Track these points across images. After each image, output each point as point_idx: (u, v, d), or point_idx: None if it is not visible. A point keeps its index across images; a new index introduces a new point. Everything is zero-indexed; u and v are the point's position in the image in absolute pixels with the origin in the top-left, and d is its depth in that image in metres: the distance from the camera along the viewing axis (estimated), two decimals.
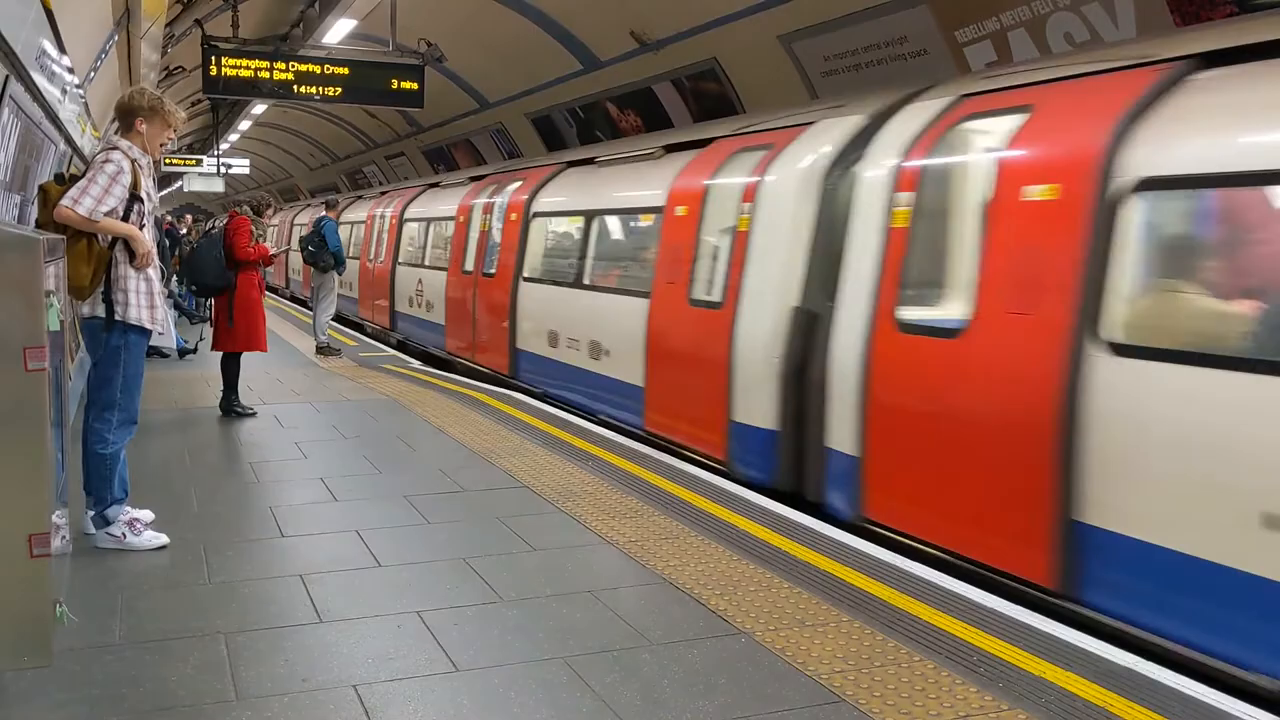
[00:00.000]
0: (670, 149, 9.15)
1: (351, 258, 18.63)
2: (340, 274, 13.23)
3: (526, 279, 11.06)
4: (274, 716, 3.38)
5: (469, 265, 12.78)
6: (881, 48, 8.55)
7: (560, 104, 14.32)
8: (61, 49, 6.50)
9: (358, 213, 20.26)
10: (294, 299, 24.39)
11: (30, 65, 5.47)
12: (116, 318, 4.93)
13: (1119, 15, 6.59)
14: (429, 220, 15.44)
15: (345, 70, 11.63)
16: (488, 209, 12.62)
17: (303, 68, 11.48)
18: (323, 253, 12.85)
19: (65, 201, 4.72)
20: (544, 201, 11.15)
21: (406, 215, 16.51)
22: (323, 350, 12.99)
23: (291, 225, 26.29)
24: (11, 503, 3.22)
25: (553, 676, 3.71)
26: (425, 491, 6.25)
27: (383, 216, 17.76)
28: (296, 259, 23.77)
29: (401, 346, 15.38)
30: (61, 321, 3.56)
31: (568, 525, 5.62)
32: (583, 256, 9.85)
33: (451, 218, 13.86)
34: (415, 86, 11.77)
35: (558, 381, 9.99)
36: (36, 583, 3.27)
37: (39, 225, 4.94)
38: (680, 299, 7.77)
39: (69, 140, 8.63)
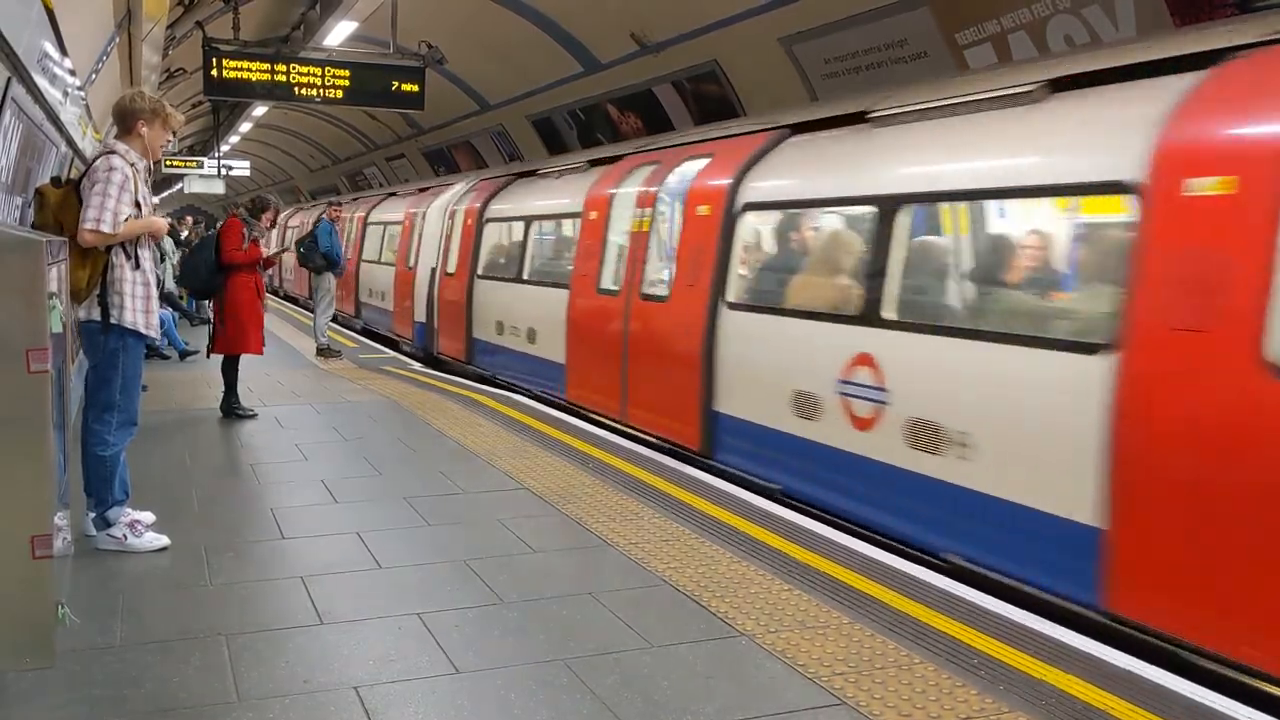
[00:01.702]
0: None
1: (388, 264, 16.96)
2: (338, 276, 13.22)
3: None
4: (275, 718, 3.39)
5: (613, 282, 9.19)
6: (882, 50, 8.55)
7: (561, 106, 14.32)
8: (63, 51, 6.50)
9: (391, 211, 17.99)
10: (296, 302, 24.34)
11: (32, 67, 5.46)
12: (112, 321, 4.94)
13: (1119, 17, 6.60)
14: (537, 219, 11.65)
15: (346, 72, 11.63)
16: (699, 198, 7.98)
17: (303, 70, 11.48)
18: (313, 254, 12.86)
19: (88, 225, 4.74)
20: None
21: (491, 213, 12.82)
22: (323, 352, 12.99)
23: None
24: (13, 504, 3.22)
25: (553, 678, 3.71)
26: (426, 493, 6.26)
27: (443, 215, 14.31)
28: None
29: (480, 378, 12.06)
30: (64, 323, 3.57)
31: (568, 527, 5.63)
32: None
33: (577, 214, 10.04)
34: (416, 88, 11.77)
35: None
36: (38, 584, 3.28)
37: (35, 228, 4.95)
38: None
39: (70, 142, 8.62)
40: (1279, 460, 3.84)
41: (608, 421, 8.91)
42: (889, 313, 5.88)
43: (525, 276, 11.30)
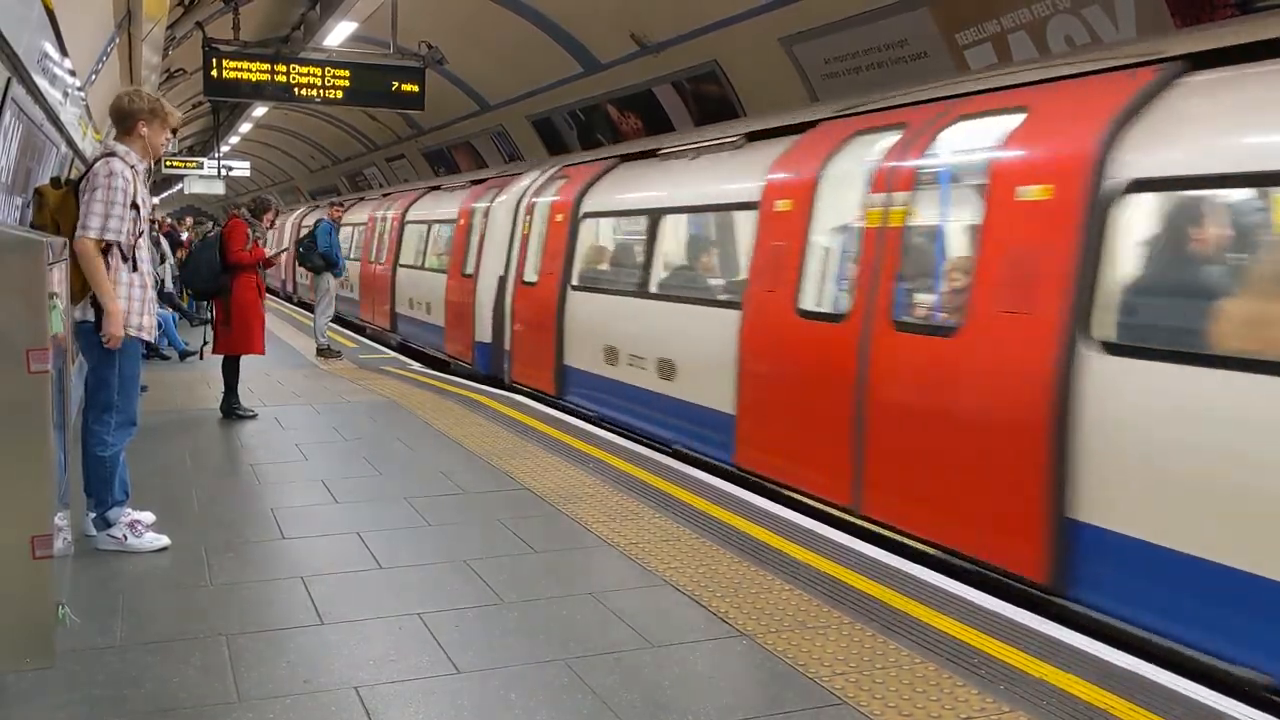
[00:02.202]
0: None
1: (431, 269, 14.98)
2: (337, 276, 13.21)
3: None
4: (275, 718, 3.39)
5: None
6: (882, 50, 8.55)
7: (561, 106, 14.32)
8: (63, 51, 6.50)
9: (438, 208, 15.83)
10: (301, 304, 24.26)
11: (32, 68, 5.46)
12: (104, 330, 4.92)
13: (1119, 17, 6.60)
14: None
15: (346, 72, 11.64)
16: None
17: (304, 70, 11.49)
18: (312, 254, 12.85)
19: (91, 234, 4.72)
20: None
21: (591, 206, 10.20)
22: (323, 352, 12.99)
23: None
24: (14, 504, 3.22)
25: (554, 678, 3.71)
26: (426, 493, 6.26)
27: (514, 211, 11.89)
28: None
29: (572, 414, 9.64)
30: (64, 323, 3.57)
31: (568, 527, 5.63)
32: None
33: (749, 205, 7.52)
34: (416, 89, 11.77)
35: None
36: (38, 584, 3.28)
37: (34, 228, 4.94)
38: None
39: (70, 143, 8.62)
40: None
41: (800, 498, 6.53)
42: (654, 288, 8.77)
43: (654, 289, 8.67)
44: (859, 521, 5.97)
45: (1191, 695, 3.64)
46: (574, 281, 10.05)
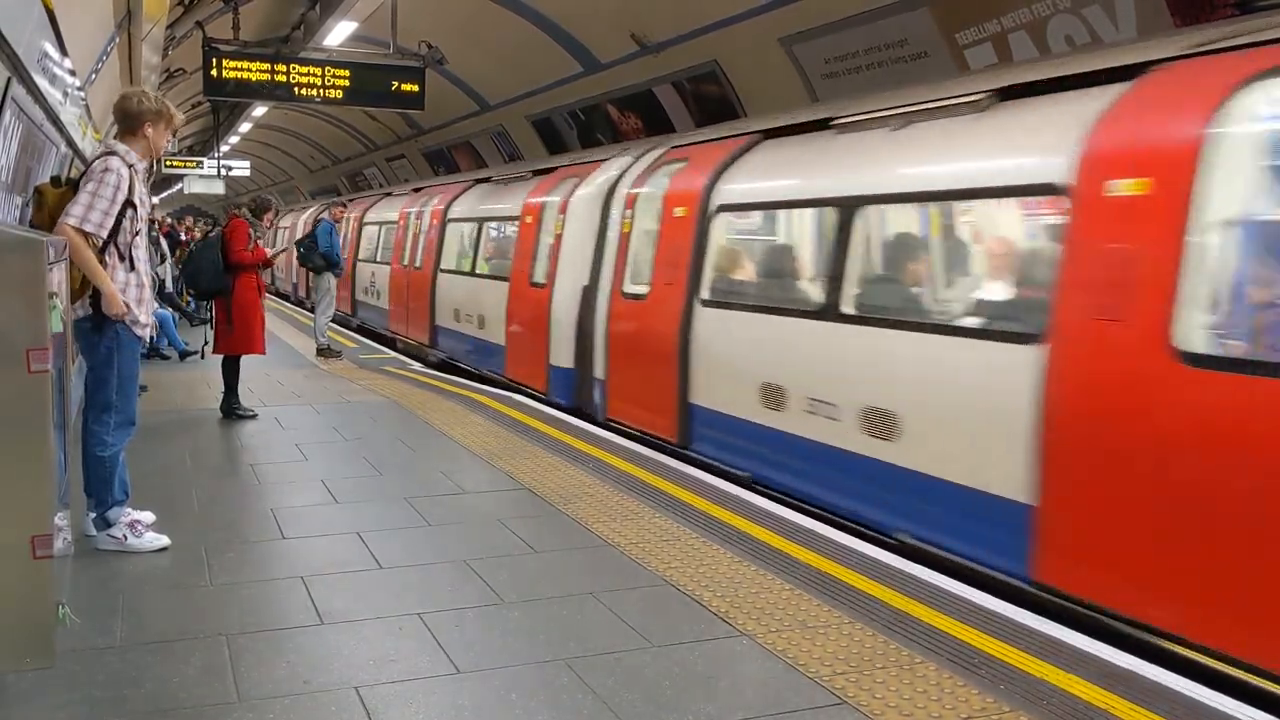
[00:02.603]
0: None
1: (484, 276, 12.71)
2: (337, 276, 13.22)
3: None
4: (275, 718, 3.38)
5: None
6: (882, 50, 8.55)
7: (561, 106, 14.32)
8: (63, 51, 6.50)
9: (491, 203, 13.42)
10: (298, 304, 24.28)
11: (32, 67, 5.46)
12: (104, 311, 4.91)
13: (1119, 17, 6.60)
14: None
15: (346, 72, 11.64)
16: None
17: (303, 70, 11.49)
18: (313, 254, 12.86)
19: (71, 220, 4.72)
20: None
21: (729, 196, 7.87)
22: (323, 352, 12.99)
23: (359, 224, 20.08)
24: (14, 504, 3.22)
25: (554, 678, 3.71)
26: (426, 493, 6.26)
27: (604, 204, 9.66)
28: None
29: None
30: (64, 323, 3.57)
31: (569, 527, 5.63)
32: None
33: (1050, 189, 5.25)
34: (416, 88, 11.78)
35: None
36: (39, 584, 3.27)
37: (33, 227, 4.94)
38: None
39: (70, 142, 8.62)
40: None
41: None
42: (852, 307, 8.77)
43: (853, 309, 6.30)
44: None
45: (1193, 695, 3.64)
46: (704, 295, 7.71)
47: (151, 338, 6.37)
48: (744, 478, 6.99)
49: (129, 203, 4.90)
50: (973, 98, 5.86)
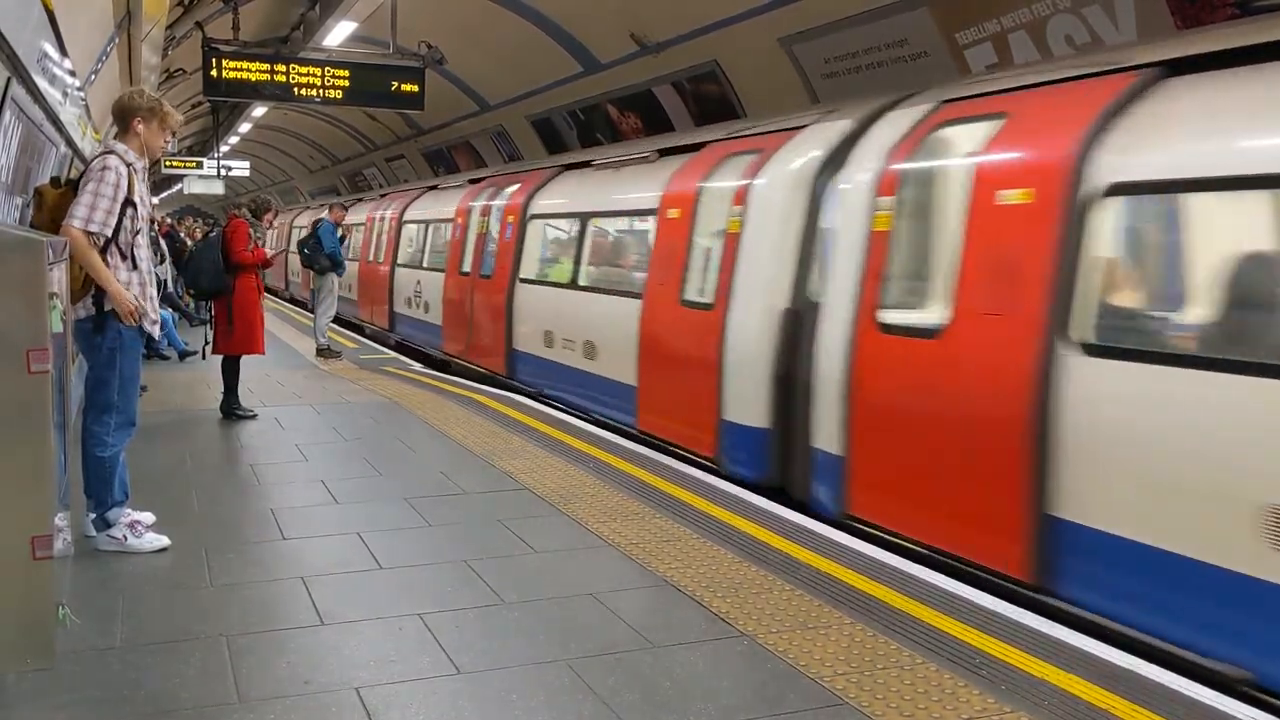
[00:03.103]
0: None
1: (600, 291, 9.77)
2: (339, 275, 13.22)
3: None
4: (276, 719, 3.38)
5: None
6: (882, 50, 8.55)
7: (560, 106, 14.31)
8: (63, 51, 6.49)
9: (581, 193, 11.00)
10: (292, 300, 24.32)
11: (32, 67, 5.46)
12: (107, 309, 4.91)
13: (1119, 17, 6.60)
14: None
15: (345, 72, 11.62)
16: None
17: (303, 70, 11.48)
18: (318, 255, 12.86)
19: (75, 223, 4.72)
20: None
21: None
22: (323, 352, 12.98)
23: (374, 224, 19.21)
24: (14, 505, 3.22)
25: (554, 678, 3.71)
26: (426, 494, 6.25)
27: (834, 193, 6.88)
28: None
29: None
30: (64, 323, 3.56)
31: (569, 527, 5.62)
32: None
33: None
34: (415, 89, 11.76)
35: None
36: (38, 584, 3.27)
37: (33, 227, 4.94)
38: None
39: (70, 143, 8.62)
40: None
41: None
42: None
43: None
44: None
45: (1194, 695, 3.64)
46: (1087, 333, 4.77)
47: (152, 338, 6.36)
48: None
49: (129, 201, 4.90)
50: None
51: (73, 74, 7.33)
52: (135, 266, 5.02)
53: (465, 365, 12.96)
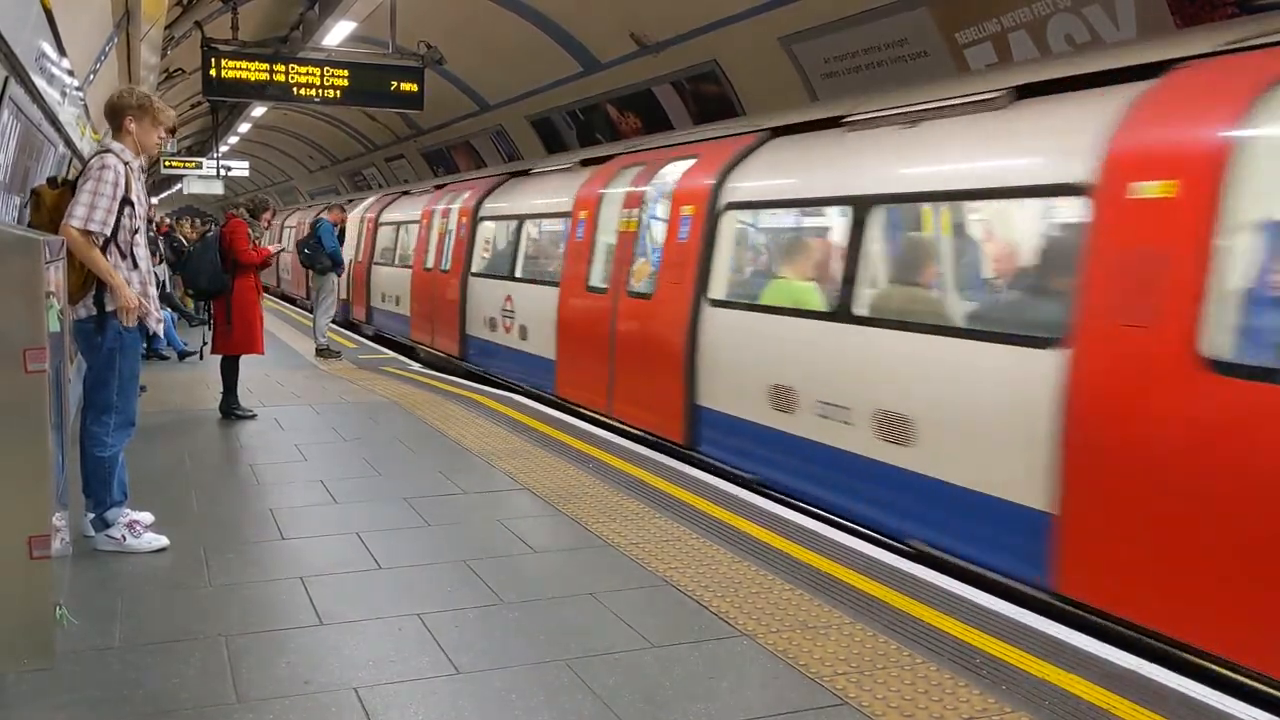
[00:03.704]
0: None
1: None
2: (339, 275, 13.23)
3: None
4: (275, 719, 3.37)
5: None
6: (882, 50, 8.54)
7: (560, 106, 14.30)
8: (61, 51, 6.49)
9: (798, 171, 7.64)
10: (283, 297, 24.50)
11: (30, 67, 5.45)
12: (108, 309, 4.90)
13: (1119, 16, 6.59)
14: None
15: (345, 72, 11.61)
16: None
17: (302, 70, 11.46)
18: (319, 254, 12.86)
19: (75, 222, 4.71)
20: None
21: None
22: (322, 352, 12.98)
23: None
24: (11, 504, 3.21)
25: (554, 678, 3.70)
26: (426, 494, 6.24)
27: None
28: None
29: None
30: (61, 322, 3.56)
31: (569, 527, 5.62)
32: None
33: None
34: (415, 88, 11.75)
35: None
36: (36, 584, 3.27)
37: (31, 227, 4.93)
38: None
39: (69, 142, 8.62)
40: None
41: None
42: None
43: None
44: None
45: (1194, 695, 3.63)
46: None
47: (154, 337, 6.39)
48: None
49: (126, 200, 4.89)
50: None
51: (71, 74, 7.32)
52: (135, 265, 5.02)
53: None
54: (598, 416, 9.18)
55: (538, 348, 10.90)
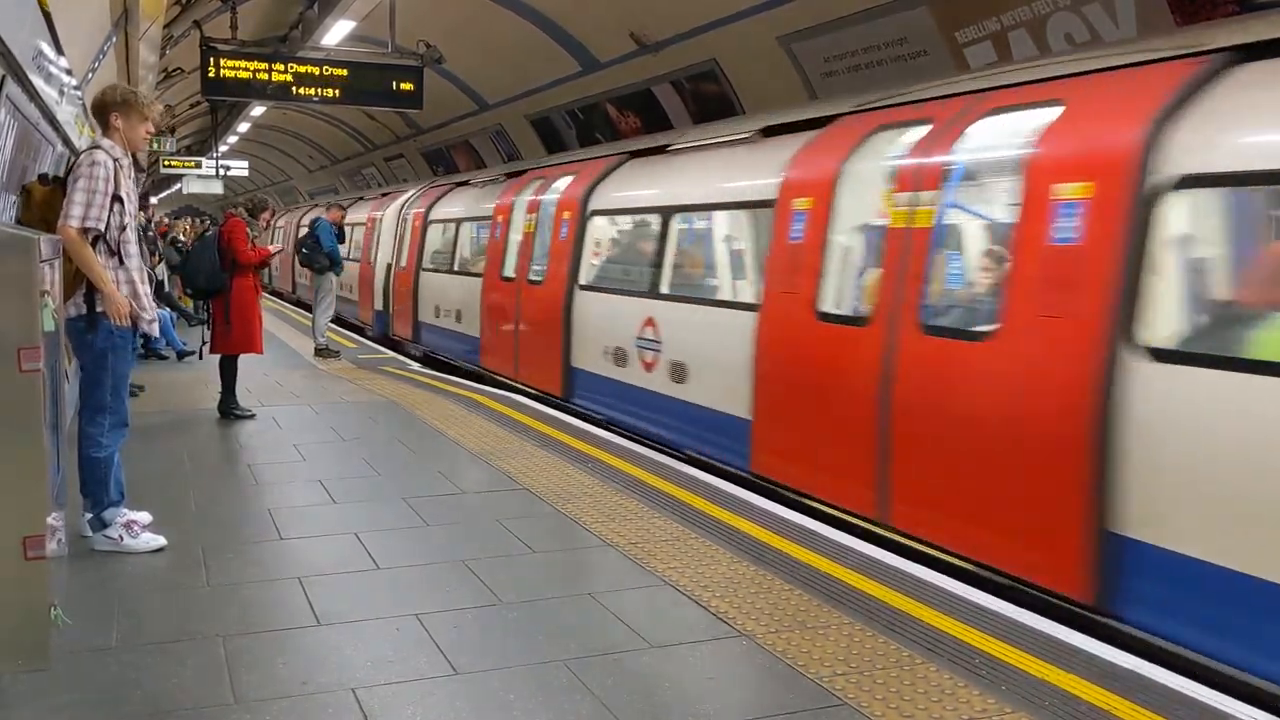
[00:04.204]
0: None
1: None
2: (338, 274, 13.21)
3: None
4: (272, 719, 3.37)
5: None
6: (881, 49, 8.53)
7: (559, 105, 14.30)
8: (59, 50, 6.48)
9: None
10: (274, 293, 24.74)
11: (28, 66, 5.44)
12: (98, 310, 4.88)
13: (1119, 15, 6.58)
14: None
15: (344, 72, 11.60)
16: None
17: (301, 69, 11.45)
18: (317, 254, 12.85)
19: (73, 222, 4.70)
20: None
21: None
22: (321, 352, 12.96)
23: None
24: (6, 505, 3.20)
25: (552, 679, 3.69)
26: (424, 494, 6.23)
27: None
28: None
29: None
30: (56, 322, 3.54)
31: (567, 527, 5.60)
32: None
33: None
34: (414, 88, 11.74)
35: None
36: (32, 585, 3.26)
37: (20, 223, 4.91)
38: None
39: (66, 141, 8.61)
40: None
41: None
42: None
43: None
44: None
45: (1194, 696, 3.62)
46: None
47: (151, 338, 6.40)
48: None
49: (116, 196, 4.88)
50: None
51: (69, 72, 7.31)
52: (122, 264, 4.99)
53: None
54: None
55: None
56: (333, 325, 14.69)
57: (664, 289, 8.63)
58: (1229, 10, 5.95)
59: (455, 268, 14.19)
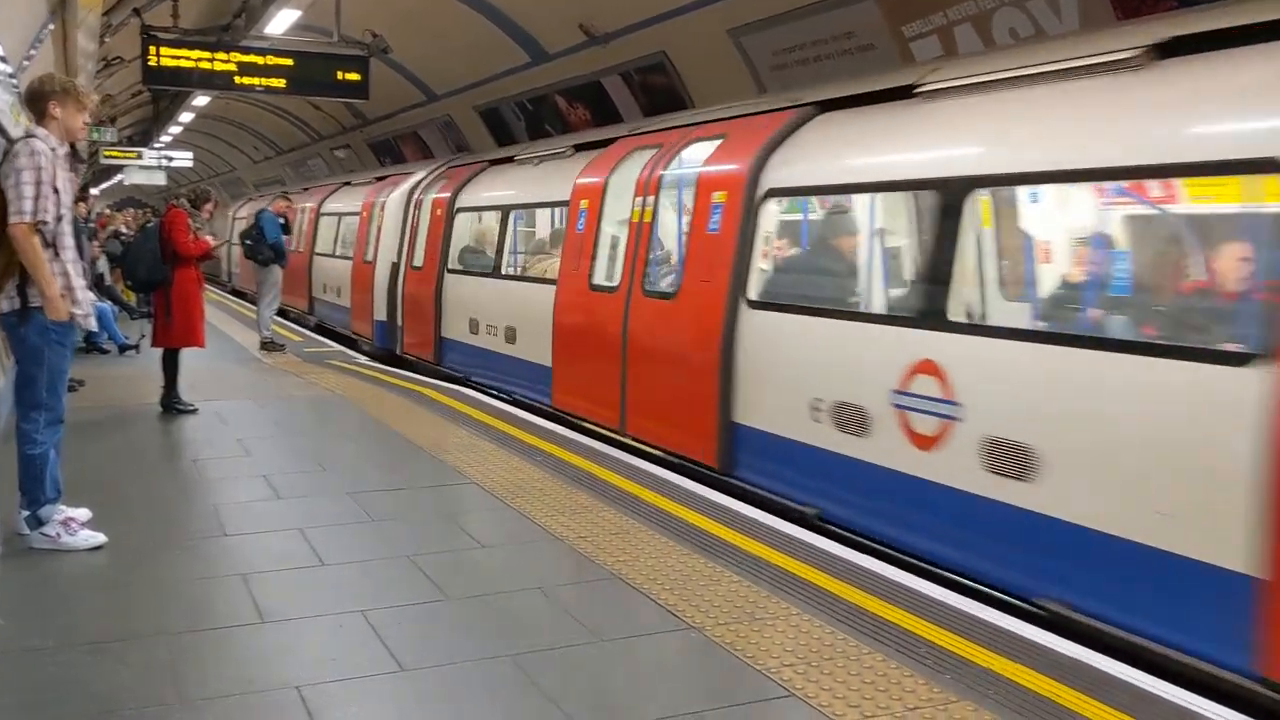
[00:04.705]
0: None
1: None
2: (283, 267, 13.05)
3: None
4: (216, 719, 3.31)
5: None
6: (829, 42, 8.56)
7: (509, 97, 14.21)
8: None
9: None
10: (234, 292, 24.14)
11: None
12: (32, 305, 4.77)
13: (1063, 10, 6.65)
14: None
15: (288, 61, 11.47)
16: None
17: (245, 58, 11.31)
18: (261, 245, 12.69)
19: (26, 218, 4.60)
20: None
21: None
22: (267, 346, 12.79)
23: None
24: None
25: (499, 675, 3.66)
26: (371, 488, 6.17)
27: None
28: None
29: None
30: None
31: (517, 521, 5.57)
32: None
33: None
34: (359, 78, 11.64)
35: None
36: None
37: None
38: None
39: (1, 130, 8.41)
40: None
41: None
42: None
43: None
44: None
45: (1138, 684, 3.67)
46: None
47: (91, 332, 6.28)
48: None
49: (52, 187, 4.77)
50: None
51: (4, 60, 7.14)
52: (58, 256, 4.88)
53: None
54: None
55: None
56: (278, 319, 14.51)
57: (505, 270, 11.07)
58: (1169, 5, 6.04)
59: (505, 270, 11.07)
